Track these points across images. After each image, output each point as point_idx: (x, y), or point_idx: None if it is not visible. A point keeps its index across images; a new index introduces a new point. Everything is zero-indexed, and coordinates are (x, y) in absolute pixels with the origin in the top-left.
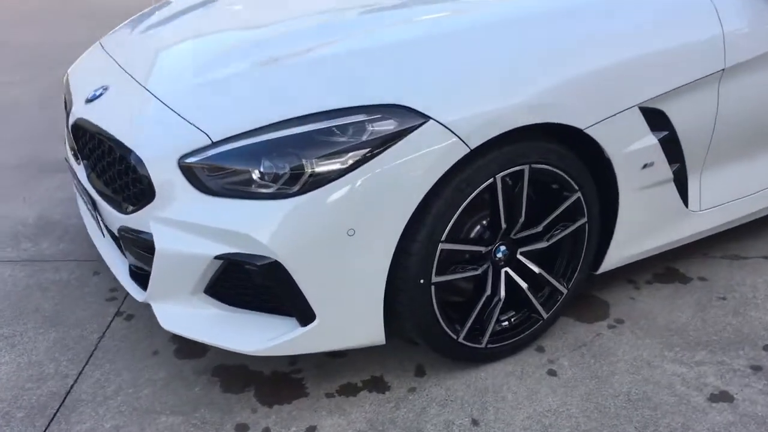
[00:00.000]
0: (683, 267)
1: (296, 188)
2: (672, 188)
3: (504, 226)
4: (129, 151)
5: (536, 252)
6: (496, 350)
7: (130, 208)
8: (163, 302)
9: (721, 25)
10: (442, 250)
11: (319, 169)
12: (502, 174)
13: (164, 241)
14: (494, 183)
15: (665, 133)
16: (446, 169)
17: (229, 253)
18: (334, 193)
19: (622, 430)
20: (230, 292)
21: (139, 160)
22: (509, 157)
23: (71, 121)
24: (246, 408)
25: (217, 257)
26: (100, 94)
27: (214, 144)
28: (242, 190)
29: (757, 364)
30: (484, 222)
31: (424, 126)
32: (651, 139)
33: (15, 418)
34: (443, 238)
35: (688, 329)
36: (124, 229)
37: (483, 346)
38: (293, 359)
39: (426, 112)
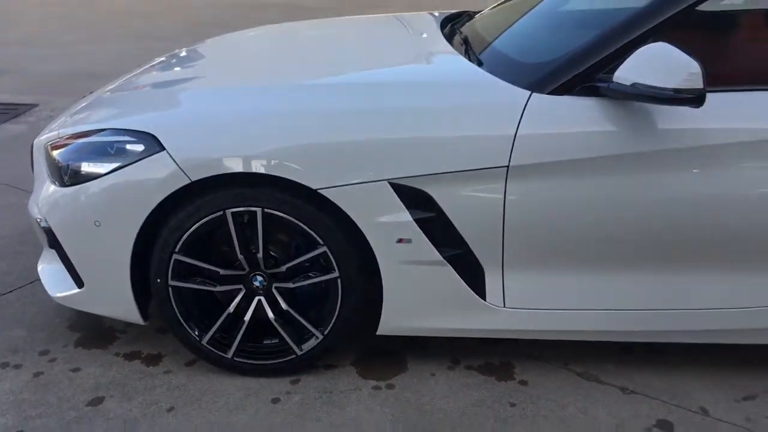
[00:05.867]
0: (520, 366)
1: (77, 181)
2: (449, 272)
3: (240, 257)
4: None
5: (304, 293)
6: (243, 366)
7: None
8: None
9: (518, 125)
10: (176, 260)
11: (86, 170)
12: (233, 210)
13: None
14: (224, 216)
15: (429, 214)
16: (170, 192)
17: (36, 217)
18: (89, 191)
19: None
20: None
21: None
22: (239, 198)
23: None
24: (61, 339)
25: (36, 218)
26: None
27: (59, 138)
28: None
29: None
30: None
31: (158, 154)
32: (405, 216)
33: None
34: (176, 249)
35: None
36: None
37: (229, 357)
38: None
39: (164, 143)
